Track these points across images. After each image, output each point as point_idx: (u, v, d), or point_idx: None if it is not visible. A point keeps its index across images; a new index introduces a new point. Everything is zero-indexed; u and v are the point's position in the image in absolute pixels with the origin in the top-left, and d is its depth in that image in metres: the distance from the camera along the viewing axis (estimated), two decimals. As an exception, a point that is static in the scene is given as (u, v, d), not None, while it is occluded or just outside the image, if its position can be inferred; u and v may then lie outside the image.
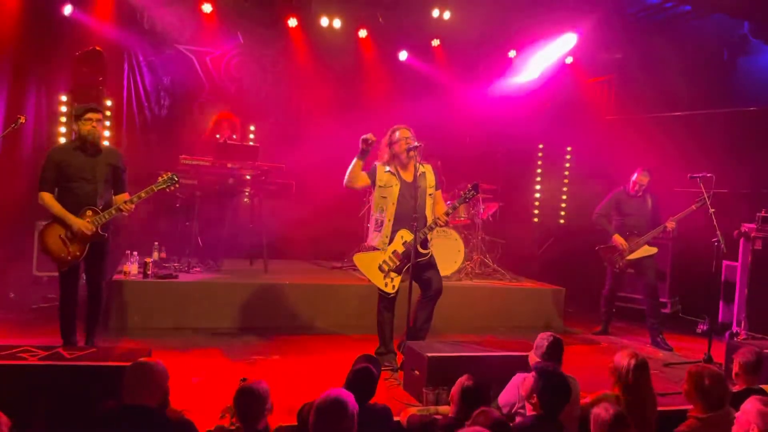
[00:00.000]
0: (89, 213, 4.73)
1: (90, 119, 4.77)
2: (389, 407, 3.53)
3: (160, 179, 4.98)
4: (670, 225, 6.62)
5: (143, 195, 4.83)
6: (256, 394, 3.04)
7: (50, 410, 3.54)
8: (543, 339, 3.88)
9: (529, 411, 3.30)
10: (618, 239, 6.73)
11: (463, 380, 3.37)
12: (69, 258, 4.72)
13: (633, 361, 3.64)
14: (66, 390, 3.62)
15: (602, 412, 2.98)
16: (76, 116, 4.83)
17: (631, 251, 6.70)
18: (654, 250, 6.74)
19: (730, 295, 7.31)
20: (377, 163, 5.31)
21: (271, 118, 9.06)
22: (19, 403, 2.86)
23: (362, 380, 3.40)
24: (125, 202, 4.78)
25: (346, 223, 8.08)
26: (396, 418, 3.73)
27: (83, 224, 4.68)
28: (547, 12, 8.25)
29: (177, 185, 5.01)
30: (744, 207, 7.29)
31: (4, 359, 3.72)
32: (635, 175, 6.77)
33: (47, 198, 4.72)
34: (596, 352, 6.33)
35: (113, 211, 4.77)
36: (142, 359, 3.18)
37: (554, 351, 3.81)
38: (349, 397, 2.93)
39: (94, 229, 4.71)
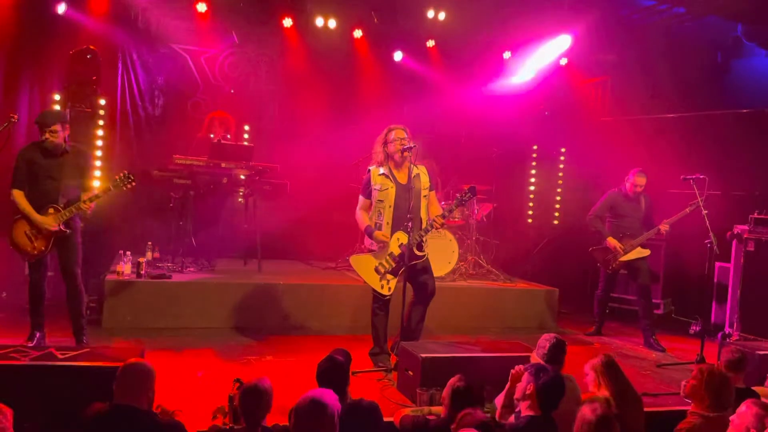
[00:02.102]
0: (51, 211, 4.96)
1: (43, 132, 4.96)
2: (377, 403, 3.53)
3: (116, 178, 5.12)
4: (664, 228, 6.65)
5: (100, 194, 5.05)
6: (262, 392, 3.03)
7: (42, 410, 3.52)
8: (546, 340, 3.91)
9: (524, 412, 3.30)
10: (612, 241, 6.74)
11: (453, 381, 3.37)
12: (35, 252, 4.97)
13: (599, 361, 3.74)
14: (58, 390, 3.61)
15: (588, 412, 2.95)
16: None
17: (625, 253, 6.72)
18: (647, 252, 6.77)
19: (722, 296, 7.36)
20: (370, 168, 5.31)
21: (266, 117, 9.04)
22: (11, 404, 2.84)
23: (328, 371, 3.42)
24: (84, 202, 4.99)
25: (341, 223, 8.05)
26: (389, 419, 3.73)
27: (46, 221, 4.92)
28: (542, 13, 8.26)
29: (133, 183, 5.13)
30: (737, 209, 7.32)
31: (-4, 359, 3.70)
32: (633, 176, 6.73)
33: (17, 195, 4.98)
34: (589, 353, 6.32)
35: (73, 209, 4.98)
36: (131, 360, 3.17)
37: (556, 352, 3.84)
38: (330, 398, 2.90)
39: (57, 227, 4.93)
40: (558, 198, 9.89)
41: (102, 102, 7.60)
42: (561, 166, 9.91)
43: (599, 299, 7.09)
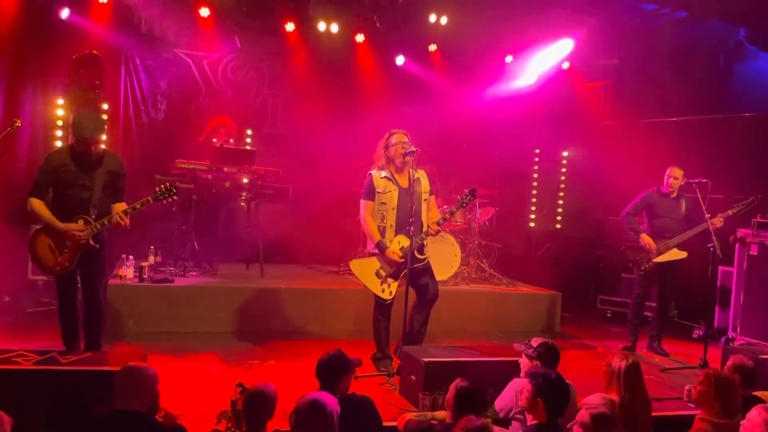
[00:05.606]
0: (81, 222, 4.53)
1: (86, 143, 4.52)
2: (370, 397, 3.52)
3: (157, 190, 4.73)
4: (718, 221, 6.20)
5: (138, 206, 4.62)
6: (266, 398, 3.02)
7: (44, 415, 3.52)
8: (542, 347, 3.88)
9: (530, 420, 3.29)
10: (646, 239, 6.46)
11: (456, 384, 3.36)
12: (57, 268, 4.54)
13: (624, 363, 3.65)
14: (60, 394, 3.61)
15: (585, 414, 2.94)
16: (73, 125, 4.62)
17: (659, 253, 6.44)
18: (683, 254, 6.42)
19: (725, 300, 7.33)
20: (372, 172, 5.31)
21: (268, 122, 9.07)
22: (14, 408, 2.85)
23: (328, 362, 3.42)
24: (118, 214, 4.58)
25: (343, 227, 8.07)
26: (392, 423, 3.73)
27: (75, 227, 4.49)
28: (544, 17, 8.27)
29: (174, 197, 4.78)
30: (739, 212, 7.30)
31: (-1, 363, 3.71)
32: (668, 170, 6.50)
33: (36, 204, 4.51)
34: (592, 358, 6.33)
35: (105, 222, 4.56)
36: (131, 364, 3.17)
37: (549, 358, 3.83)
38: (329, 399, 2.93)
39: (85, 239, 4.51)
40: (560, 202, 9.88)
41: (105, 106, 7.62)
42: (563, 170, 9.90)
43: (634, 307, 6.71)
